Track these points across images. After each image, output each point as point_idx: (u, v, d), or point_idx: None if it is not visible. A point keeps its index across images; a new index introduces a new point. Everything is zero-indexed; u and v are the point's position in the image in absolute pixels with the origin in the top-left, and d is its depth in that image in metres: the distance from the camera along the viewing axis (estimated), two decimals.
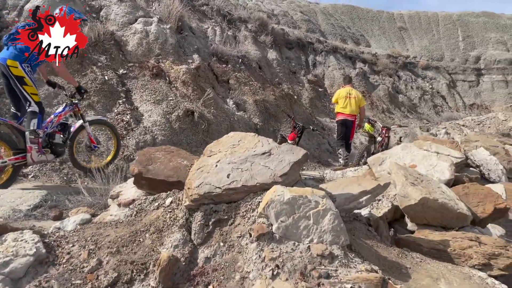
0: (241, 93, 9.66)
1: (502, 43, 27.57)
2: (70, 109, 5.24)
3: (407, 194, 4.62)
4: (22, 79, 4.54)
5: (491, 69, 25.74)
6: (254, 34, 14.44)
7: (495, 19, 29.39)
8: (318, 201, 2.83)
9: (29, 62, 4.61)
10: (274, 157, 3.26)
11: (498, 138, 12.45)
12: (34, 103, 4.65)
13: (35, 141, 4.69)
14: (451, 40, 27.98)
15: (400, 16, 29.98)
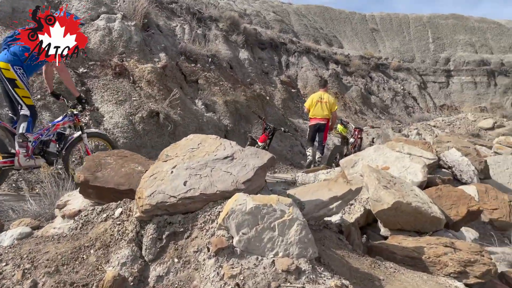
0: (211, 94, 9.34)
1: (470, 45, 28.21)
2: (69, 120, 5.13)
3: (380, 198, 4.42)
4: (13, 82, 4.46)
5: (460, 70, 26.28)
6: (225, 33, 14.13)
7: (463, 22, 30.08)
8: (284, 210, 2.58)
9: (21, 65, 4.52)
10: (237, 162, 2.98)
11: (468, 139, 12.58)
12: (26, 106, 4.55)
13: (23, 145, 4.55)
14: (421, 41, 28.44)
15: (372, 18, 30.29)
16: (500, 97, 24.84)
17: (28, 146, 4.60)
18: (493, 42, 28.73)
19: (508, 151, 10.11)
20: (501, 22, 30.54)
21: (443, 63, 26.90)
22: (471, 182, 6.99)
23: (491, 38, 28.99)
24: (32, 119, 4.64)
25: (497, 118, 16.54)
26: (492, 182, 7.86)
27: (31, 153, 4.67)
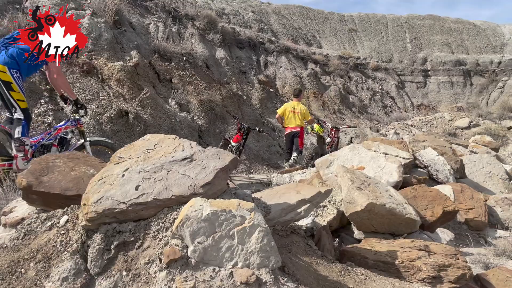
0: (185, 93, 9.07)
1: (447, 45, 28.60)
2: (71, 124, 5.09)
3: (353, 200, 4.27)
4: (9, 85, 4.42)
5: (437, 70, 26.60)
6: (201, 32, 13.85)
7: (440, 22, 30.48)
8: (245, 216, 2.38)
9: (18, 68, 4.49)
10: (196, 164, 2.77)
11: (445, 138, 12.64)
12: (20, 109, 4.53)
13: (20, 149, 4.50)
14: (399, 42, 28.69)
15: (350, 18, 30.40)
16: (476, 97, 25.25)
17: (26, 150, 4.54)
18: (468, 42, 29.21)
19: (484, 150, 10.18)
20: (476, 23, 31.07)
21: (421, 63, 27.19)
22: (447, 182, 6.94)
23: (467, 39, 29.47)
24: (27, 122, 4.60)
25: (473, 118, 16.74)
26: (467, 181, 7.84)
27: (31, 156, 4.59)
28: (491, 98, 24.91)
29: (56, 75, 4.73)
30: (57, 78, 4.73)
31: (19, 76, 4.51)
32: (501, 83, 25.31)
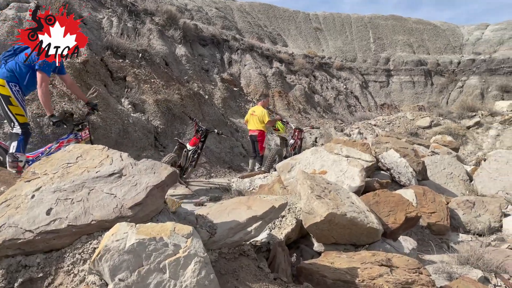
0: (140, 92, 8.55)
1: (409, 45, 29.13)
2: (74, 137, 4.87)
3: (312, 210, 3.97)
4: (7, 99, 4.32)
5: (399, 70, 27.03)
6: (161, 28, 13.28)
7: (402, 23, 31.02)
8: (179, 244, 2.02)
9: (17, 82, 4.40)
10: (126, 180, 2.37)
11: (407, 138, 12.67)
12: (18, 124, 4.40)
13: (13, 165, 4.26)
14: (363, 41, 28.97)
15: (315, 17, 30.45)
16: (436, 96, 25.82)
17: (19, 166, 4.27)
18: (429, 43, 29.86)
19: (445, 151, 10.20)
20: (436, 24, 31.84)
21: (383, 62, 27.55)
22: (409, 184, 6.81)
23: (427, 39, 30.12)
24: (24, 138, 4.43)
25: (434, 117, 16.99)
26: (430, 183, 7.76)
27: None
28: (451, 97, 25.53)
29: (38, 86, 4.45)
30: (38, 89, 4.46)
31: (18, 90, 4.40)
32: (460, 83, 26.00)
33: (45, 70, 4.41)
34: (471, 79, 25.75)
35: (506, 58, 25.95)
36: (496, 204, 6.47)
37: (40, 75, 4.39)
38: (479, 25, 32.33)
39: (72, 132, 4.96)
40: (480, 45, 28.99)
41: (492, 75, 25.43)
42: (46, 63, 4.34)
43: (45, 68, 4.39)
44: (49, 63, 4.34)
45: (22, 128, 4.44)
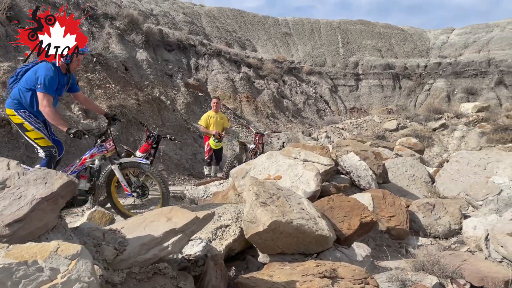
0: (93, 97, 8.13)
1: (377, 49, 29.49)
2: (98, 151, 4.61)
3: (255, 219, 3.69)
4: (21, 126, 4.24)
5: (368, 74, 27.30)
6: (121, 32, 12.87)
7: (370, 27, 31.43)
8: (58, 268, 1.70)
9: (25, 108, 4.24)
10: (9, 192, 2.04)
11: (372, 141, 12.62)
12: (40, 148, 4.29)
13: None
14: (332, 46, 29.15)
15: (285, 22, 30.50)
16: (404, 99, 26.16)
17: None
18: (397, 47, 30.33)
19: (408, 153, 10.15)
20: (404, 29, 32.41)
21: (352, 67, 27.77)
22: (369, 188, 6.63)
23: (395, 43, 30.59)
24: (47, 161, 4.30)
25: (400, 120, 17.09)
26: (391, 186, 7.63)
27: None
28: (418, 100, 25.92)
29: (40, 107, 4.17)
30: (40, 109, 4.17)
31: (29, 115, 4.25)
32: (427, 86, 26.44)
33: (47, 90, 4.12)
34: (438, 82, 26.23)
35: (470, 61, 26.58)
36: (456, 206, 6.35)
37: (40, 96, 4.12)
38: (445, 29, 33.11)
39: (95, 145, 4.68)
40: (446, 49, 29.64)
41: (458, 78, 25.97)
42: (48, 83, 4.11)
43: (45, 88, 4.11)
44: (51, 82, 4.15)
45: (45, 151, 4.31)
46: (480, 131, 14.76)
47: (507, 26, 30.49)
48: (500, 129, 13.87)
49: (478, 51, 28.07)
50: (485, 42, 28.73)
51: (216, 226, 3.89)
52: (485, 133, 14.38)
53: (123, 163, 4.89)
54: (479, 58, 26.67)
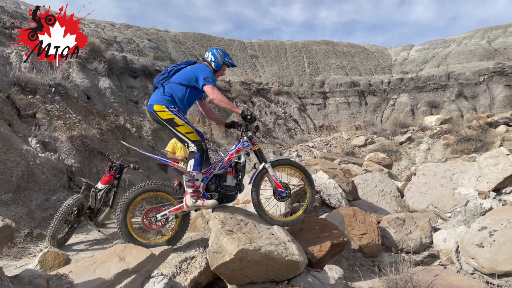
0: (52, 129, 7.82)
1: (342, 68, 30.17)
2: (244, 146, 4.55)
3: (221, 248, 3.53)
4: (172, 121, 4.24)
5: (334, 92, 27.80)
6: (82, 60, 12.60)
7: (334, 47, 32.22)
8: None
9: (176, 104, 4.30)
10: None
11: (342, 157, 12.70)
12: (192, 142, 4.29)
13: (189, 184, 4.13)
14: (298, 66, 29.63)
15: (251, 45, 30.85)
16: (371, 115, 26.69)
17: (196, 186, 4.14)
18: (360, 65, 31.12)
19: (377, 168, 10.24)
20: (366, 47, 33.38)
21: (319, 85, 28.23)
22: (340, 206, 6.59)
23: (359, 62, 31.41)
24: (200, 155, 4.29)
25: (368, 135, 17.34)
26: (362, 202, 7.62)
27: (203, 190, 4.27)
28: (384, 115, 26.50)
29: (215, 99, 4.28)
30: (216, 101, 4.28)
31: (178, 110, 4.30)
32: (392, 101, 27.13)
33: (213, 82, 4.23)
34: (402, 97, 26.96)
35: (431, 75, 27.52)
36: (425, 219, 6.37)
37: (209, 88, 4.20)
38: (405, 46, 34.32)
39: (240, 142, 4.59)
40: (407, 65, 30.63)
41: (420, 92, 26.78)
42: (211, 77, 4.25)
43: (212, 81, 4.23)
44: (214, 77, 4.32)
45: (196, 145, 4.30)
46: (444, 142, 15.13)
47: (463, 41, 31.91)
48: (463, 140, 14.26)
49: (438, 65, 29.15)
50: (443, 56, 29.90)
51: (180, 259, 3.70)
52: (449, 144, 14.74)
53: (274, 161, 4.75)
54: (438, 72, 27.66)
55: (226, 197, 4.48)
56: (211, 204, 4.17)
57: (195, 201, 4.11)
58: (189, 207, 4.16)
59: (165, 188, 4.34)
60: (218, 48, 4.63)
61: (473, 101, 25.43)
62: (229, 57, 4.69)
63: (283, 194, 4.71)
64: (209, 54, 4.55)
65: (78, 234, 6.31)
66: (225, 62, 4.54)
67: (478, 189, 6.38)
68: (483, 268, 4.41)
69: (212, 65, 4.48)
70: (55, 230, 5.27)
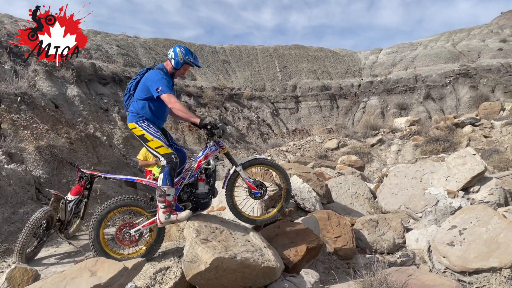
0: (18, 140, 7.55)
1: (313, 72, 30.53)
2: (212, 151, 4.47)
3: (196, 258, 3.49)
4: (143, 137, 4.23)
5: (306, 96, 28.10)
6: (49, 68, 12.27)
7: (305, 51, 32.59)
8: None
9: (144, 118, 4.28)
10: None
11: (315, 161, 12.81)
12: (161, 156, 4.20)
13: (161, 199, 4.06)
14: (270, 71, 29.79)
15: (222, 50, 30.82)
16: (343, 118, 27.10)
17: (167, 201, 4.06)
18: (331, 68, 31.60)
19: (349, 170, 10.38)
20: (336, 51, 33.93)
21: (291, 90, 28.47)
22: (314, 210, 6.63)
23: (329, 65, 31.88)
24: (169, 168, 4.15)
25: (340, 138, 17.59)
26: (336, 205, 7.70)
27: (175, 203, 4.19)
28: (355, 118, 26.97)
29: (170, 106, 4.19)
30: (173, 109, 4.22)
31: (148, 124, 4.27)
32: (363, 104, 27.64)
33: (167, 90, 4.11)
34: (372, 99, 27.51)
35: (399, 78, 28.23)
36: (397, 220, 6.48)
37: (165, 97, 4.11)
38: (374, 50, 35.10)
39: (207, 147, 4.46)
40: (376, 68, 31.32)
41: (390, 95, 27.41)
42: (164, 84, 4.11)
43: (166, 89, 4.11)
44: (165, 82, 4.15)
45: (166, 158, 4.17)
46: (414, 143, 15.51)
47: (429, 44, 32.92)
48: (431, 141, 14.65)
49: (405, 68, 29.93)
50: (411, 59, 30.73)
51: (155, 270, 3.63)
52: (418, 145, 15.12)
53: (244, 163, 4.62)
54: (406, 75, 28.40)
55: (200, 205, 4.43)
56: (185, 216, 4.10)
57: (167, 217, 4.06)
58: (163, 223, 4.10)
59: (138, 202, 4.27)
60: (181, 46, 4.52)
61: (440, 102, 26.20)
62: (193, 55, 4.57)
63: (258, 194, 4.68)
64: (170, 51, 4.44)
65: (48, 248, 6.10)
66: (186, 61, 4.42)
67: (447, 189, 6.57)
68: (454, 266, 4.52)
69: (172, 62, 4.38)
70: (23, 245, 5.08)
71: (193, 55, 4.60)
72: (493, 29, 32.87)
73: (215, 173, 4.60)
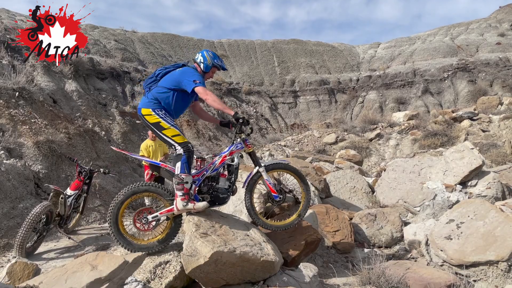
0: (17, 135, 7.54)
1: (311, 66, 30.48)
2: (237, 148, 4.48)
3: (195, 251, 3.52)
4: (158, 124, 4.24)
5: (305, 90, 28.08)
6: (47, 63, 12.22)
7: (303, 46, 32.51)
8: None
9: (161, 107, 4.29)
10: None
11: (314, 155, 12.84)
12: (178, 144, 4.23)
13: (179, 187, 4.09)
14: (268, 66, 29.74)
15: (220, 45, 30.74)
16: (341, 113, 27.11)
17: (185, 188, 4.10)
18: (329, 63, 31.55)
19: (348, 165, 10.42)
20: (334, 45, 33.85)
21: (289, 84, 28.44)
22: (312, 204, 6.67)
23: (328, 60, 31.82)
24: (187, 157, 4.20)
25: (339, 133, 17.61)
26: (334, 200, 7.73)
27: (195, 193, 4.24)
28: (354, 112, 26.96)
29: (206, 100, 4.19)
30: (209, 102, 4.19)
31: (165, 113, 4.29)
32: (361, 98, 27.63)
33: (203, 84, 4.23)
34: (370, 94, 27.50)
35: (398, 72, 28.21)
36: (395, 214, 6.53)
37: (200, 90, 4.18)
38: (372, 44, 35.04)
39: (233, 143, 4.49)
40: (374, 62, 31.29)
41: (388, 89, 27.40)
42: (200, 79, 4.20)
43: (201, 83, 4.21)
44: (202, 78, 4.27)
45: (183, 147, 4.22)
46: (412, 138, 15.54)
47: (428, 38, 32.87)
48: (430, 135, 14.69)
49: (404, 62, 29.90)
50: (409, 54, 30.69)
51: (155, 264, 3.65)
52: (417, 139, 15.15)
53: (268, 165, 4.68)
54: (405, 69, 28.38)
55: (218, 200, 4.43)
56: (202, 206, 4.12)
57: (185, 204, 4.08)
58: (180, 210, 4.12)
59: (156, 189, 4.26)
60: (208, 50, 4.61)
61: (439, 96, 26.21)
62: (219, 59, 4.68)
63: (277, 198, 4.69)
64: (199, 55, 4.54)
65: (47, 242, 6.13)
66: (215, 64, 4.52)
67: (445, 183, 6.60)
68: (451, 260, 4.56)
69: (201, 66, 4.48)
70: (23, 239, 5.10)
71: (220, 59, 4.71)
72: (491, 23, 32.81)
73: (237, 171, 4.60)
